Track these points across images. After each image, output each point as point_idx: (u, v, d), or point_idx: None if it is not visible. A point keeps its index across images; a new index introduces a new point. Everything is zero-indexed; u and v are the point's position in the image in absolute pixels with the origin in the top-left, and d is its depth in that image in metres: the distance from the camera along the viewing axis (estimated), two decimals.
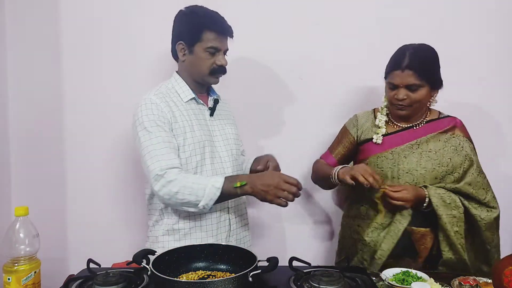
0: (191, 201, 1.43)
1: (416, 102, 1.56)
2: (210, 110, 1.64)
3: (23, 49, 1.99)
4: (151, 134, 1.47)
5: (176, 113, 1.53)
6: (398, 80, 1.54)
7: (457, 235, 1.53)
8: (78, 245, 2.08)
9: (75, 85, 2.02)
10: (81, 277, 1.25)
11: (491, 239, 1.55)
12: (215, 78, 1.60)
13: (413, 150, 1.61)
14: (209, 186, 1.42)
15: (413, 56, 1.53)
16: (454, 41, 2.00)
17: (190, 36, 1.54)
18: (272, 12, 2.01)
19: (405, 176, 1.59)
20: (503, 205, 1.58)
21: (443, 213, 1.51)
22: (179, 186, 1.42)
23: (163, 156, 1.45)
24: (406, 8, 2.01)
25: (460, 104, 2.00)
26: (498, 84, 2.05)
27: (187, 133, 1.53)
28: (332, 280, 1.18)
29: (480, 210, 1.54)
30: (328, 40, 2.03)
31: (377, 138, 1.65)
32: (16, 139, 2.02)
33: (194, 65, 1.57)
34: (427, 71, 1.54)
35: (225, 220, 1.60)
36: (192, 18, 1.55)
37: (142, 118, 1.49)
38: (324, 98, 2.06)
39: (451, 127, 1.64)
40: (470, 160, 1.60)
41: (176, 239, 1.54)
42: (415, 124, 1.65)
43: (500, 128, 2.09)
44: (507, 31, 2.03)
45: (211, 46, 1.53)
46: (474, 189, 1.55)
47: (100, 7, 1.99)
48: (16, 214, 1.21)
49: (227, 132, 1.67)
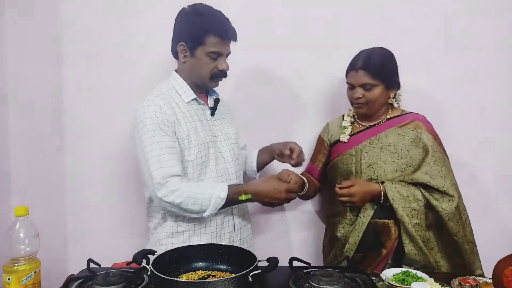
0: (194, 210, 1.44)
1: (372, 101, 1.66)
2: (211, 109, 1.63)
3: (23, 49, 1.99)
4: (154, 139, 1.44)
5: (179, 115, 1.51)
6: (354, 80, 1.66)
7: (417, 227, 1.57)
8: (78, 245, 2.08)
9: (75, 85, 2.02)
10: (81, 277, 1.25)
11: (456, 229, 1.55)
12: (215, 82, 1.58)
13: (374, 145, 1.69)
14: (214, 197, 1.43)
15: (366, 58, 1.65)
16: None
17: (192, 38, 1.50)
18: (272, 12, 2.01)
19: (367, 170, 1.66)
20: (503, 205, 1.58)
21: (399, 206, 1.55)
22: (183, 197, 1.41)
23: (166, 163, 1.43)
24: (406, 8, 2.01)
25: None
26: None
27: (191, 135, 1.51)
28: (332, 280, 1.18)
29: (441, 201, 1.56)
30: (328, 40, 2.03)
31: (343, 137, 1.76)
32: (16, 139, 2.02)
33: (194, 68, 1.54)
34: (380, 71, 1.63)
35: (229, 221, 1.60)
36: (196, 20, 1.50)
37: (145, 121, 1.46)
38: (324, 98, 2.07)
39: (410, 121, 1.69)
40: (427, 150, 1.62)
41: (181, 241, 1.53)
42: (378, 122, 1.73)
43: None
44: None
45: (213, 51, 1.50)
46: (432, 178, 1.57)
47: (100, 7, 1.99)
48: (16, 214, 1.21)
49: (228, 131, 1.66)
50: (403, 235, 1.57)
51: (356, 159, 1.70)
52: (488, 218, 2.08)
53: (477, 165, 2.07)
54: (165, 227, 1.55)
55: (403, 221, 1.55)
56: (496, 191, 2.08)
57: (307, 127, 2.07)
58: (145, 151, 1.45)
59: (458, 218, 1.56)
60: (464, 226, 1.61)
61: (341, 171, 1.75)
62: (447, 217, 1.54)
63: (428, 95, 2.03)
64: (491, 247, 2.04)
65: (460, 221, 1.57)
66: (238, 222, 1.63)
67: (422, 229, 1.57)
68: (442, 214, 1.55)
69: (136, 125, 1.50)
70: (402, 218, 1.55)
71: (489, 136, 2.06)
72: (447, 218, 1.54)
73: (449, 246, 1.58)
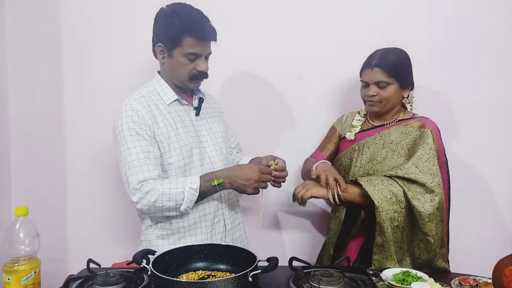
0: (171, 206, 1.43)
1: (385, 99, 1.65)
2: (195, 110, 1.61)
3: (24, 49, 1.99)
4: (130, 144, 1.43)
5: (158, 117, 1.49)
6: (368, 78, 1.65)
7: (395, 229, 1.53)
8: (78, 245, 2.08)
9: (75, 85, 2.02)
10: (81, 277, 1.25)
11: (435, 231, 1.52)
12: (195, 83, 1.55)
13: (376, 141, 1.70)
14: (186, 189, 1.41)
15: (382, 56, 1.65)
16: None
17: (169, 39, 1.47)
18: (272, 11, 2.01)
19: (366, 165, 1.69)
20: (505, 205, 1.58)
21: (382, 210, 1.51)
22: (157, 195, 1.40)
23: (141, 168, 1.42)
24: (406, 9, 2.01)
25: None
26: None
27: (171, 137, 1.49)
28: (332, 280, 1.18)
29: (423, 201, 1.51)
30: (328, 40, 2.02)
31: (350, 136, 1.77)
32: (16, 139, 2.02)
33: (173, 69, 1.52)
34: (395, 69, 1.63)
35: (220, 221, 1.59)
36: (172, 21, 1.46)
37: (122, 125, 1.45)
38: (323, 98, 2.07)
39: (418, 123, 1.67)
40: (423, 147, 1.60)
41: (171, 242, 1.52)
42: (387, 123, 1.72)
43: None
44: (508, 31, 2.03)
45: (191, 52, 1.46)
46: (421, 172, 1.54)
47: (100, 7, 1.99)
48: (16, 214, 1.21)
49: (214, 130, 1.64)
50: (378, 238, 1.53)
51: (358, 154, 1.72)
52: (488, 218, 2.08)
53: (480, 166, 2.08)
54: (155, 229, 1.54)
55: (383, 226, 1.51)
56: (499, 191, 2.08)
57: (307, 127, 2.07)
58: (122, 157, 1.45)
59: (438, 220, 1.53)
60: (441, 229, 1.57)
61: (344, 165, 1.76)
62: (427, 218, 1.50)
63: (434, 95, 2.03)
64: (490, 247, 2.05)
65: (438, 223, 1.54)
66: (229, 222, 1.62)
67: (399, 230, 1.54)
68: (423, 215, 1.50)
69: (114, 131, 1.49)
70: (383, 223, 1.51)
71: (494, 136, 2.06)
72: (427, 219, 1.50)
73: (418, 248, 1.56)
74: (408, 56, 1.69)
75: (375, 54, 1.66)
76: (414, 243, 1.56)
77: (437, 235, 1.53)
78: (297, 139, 2.08)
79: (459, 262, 1.68)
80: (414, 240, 1.56)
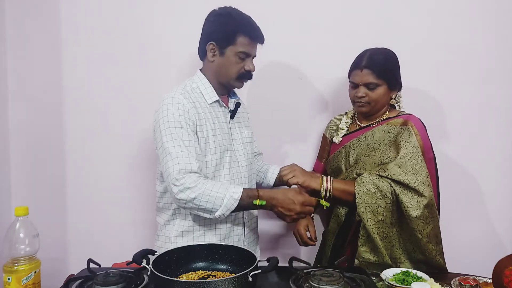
0: (207, 208, 1.42)
1: (374, 100, 1.66)
2: (231, 112, 1.63)
3: (24, 49, 1.99)
4: (174, 135, 1.44)
5: (201, 115, 1.51)
6: (358, 79, 1.66)
7: (381, 224, 1.55)
8: (78, 245, 2.08)
9: (75, 85, 2.02)
10: (81, 277, 1.25)
11: (422, 227, 1.53)
12: (240, 83, 1.59)
13: (361, 142, 1.72)
14: (227, 197, 1.41)
15: (371, 57, 1.64)
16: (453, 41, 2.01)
17: (223, 38, 1.51)
18: (273, 11, 2.01)
19: (354, 167, 1.70)
20: (504, 205, 1.57)
21: (362, 201, 1.55)
22: (197, 193, 1.40)
23: (183, 159, 1.42)
24: (407, 9, 2.01)
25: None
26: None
27: (209, 136, 1.51)
28: (332, 280, 1.18)
29: (410, 197, 1.53)
30: (329, 40, 2.02)
31: (336, 139, 1.80)
32: (16, 139, 2.02)
33: (223, 68, 1.55)
34: (384, 71, 1.63)
35: (239, 224, 1.60)
36: (228, 20, 1.52)
37: (168, 117, 1.46)
38: (323, 99, 2.07)
39: (401, 121, 1.68)
40: (405, 146, 1.61)
41: (190, 240, 1.52)
42: (374, 123, 1.74)
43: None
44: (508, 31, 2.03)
45: (243, 51, 1.52)
46: (404, 172, 1.55)
47: (100, 7, 1.99)
48: (16, 214, 1.21)
49: (244, 135, 1.67)
50: (362, 230, 1.56)
51: (345, 156, 1.75)
52: (488, 218, 2.08)
53: (478, 165, 2.07)
54: (174, 225, 1.54)
55: (363, 218, 1.55)
56: (496, 191, 2.08)
57: (307, 127, 2.07)
58: (164, 146, 1.45)
59: (426, 216, 1.53)
60: (433, 225, 1.57)
61: (333, 168, 1.79)
62: (414, 214, 1.51)
63: (426, 96, 2.04)
64: (490, 247, 2.06)
65: (427, 219, 1.54)
66: (248, 225, 1.63)
67: (386, 225, 1.55)
68: (409, 212, 1.52)
69: (157, 121, 1.50)
70: (363, 215, 1.55)
71: (488, 137, 2.06)
72: (414, 215, 1.51)
73: (411, 243, 1.57)
74: (396, 57, 1.69)
75: (364, 55, 1.66)
76: (405, 239, 1.57)
77: (424, 231, 1.54)
78: (297, 139, 2.08)
79: (459, 262, 1.68)
80: (404, 236, 1.57)
